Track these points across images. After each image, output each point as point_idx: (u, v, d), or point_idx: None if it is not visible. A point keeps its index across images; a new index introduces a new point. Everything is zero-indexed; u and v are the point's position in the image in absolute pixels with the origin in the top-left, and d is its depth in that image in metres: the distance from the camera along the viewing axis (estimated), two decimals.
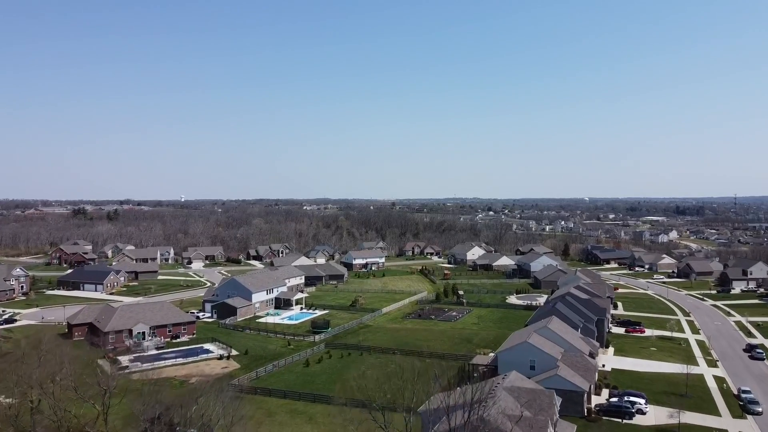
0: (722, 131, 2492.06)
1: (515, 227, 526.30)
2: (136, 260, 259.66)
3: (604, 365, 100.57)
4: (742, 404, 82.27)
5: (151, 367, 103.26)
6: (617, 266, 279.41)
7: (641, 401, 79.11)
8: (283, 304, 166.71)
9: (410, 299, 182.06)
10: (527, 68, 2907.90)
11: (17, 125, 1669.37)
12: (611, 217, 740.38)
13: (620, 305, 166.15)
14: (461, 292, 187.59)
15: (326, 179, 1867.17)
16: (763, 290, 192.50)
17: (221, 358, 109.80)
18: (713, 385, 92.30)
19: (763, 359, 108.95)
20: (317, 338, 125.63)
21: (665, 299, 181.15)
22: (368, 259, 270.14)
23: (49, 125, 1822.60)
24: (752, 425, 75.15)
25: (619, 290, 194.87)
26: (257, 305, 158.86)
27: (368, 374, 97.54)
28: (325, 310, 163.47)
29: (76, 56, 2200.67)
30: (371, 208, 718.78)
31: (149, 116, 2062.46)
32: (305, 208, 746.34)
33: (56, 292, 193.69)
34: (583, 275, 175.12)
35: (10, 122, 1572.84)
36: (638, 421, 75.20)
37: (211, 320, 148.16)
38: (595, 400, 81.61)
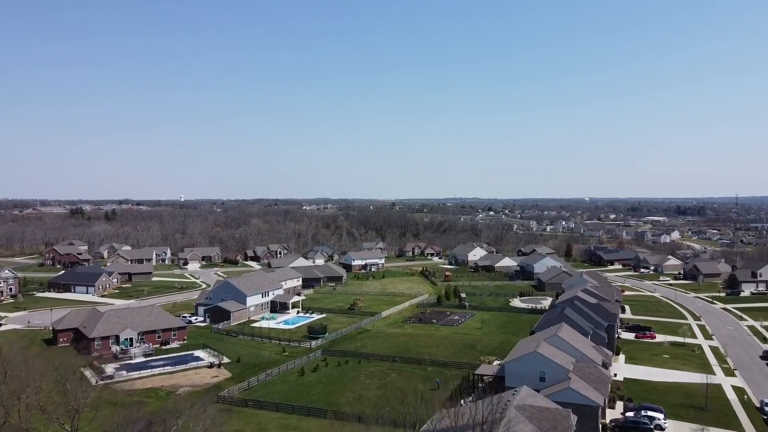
0: (723, 131, 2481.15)
1: (516, 227, 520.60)
2: (130, 261, 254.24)
3: (615, 374, 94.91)
4: (766, 418, 76.77)
5: (137, 375, 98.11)
6: (622, 267, 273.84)
7: (660, 416, 73.29)
8: (279, 307, 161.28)
9: (411, 302, 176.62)
10: (527, 68, 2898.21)
11: (17, 125, 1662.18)
12: (612, 217, 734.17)
13: (628, 309, 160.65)
14: (463, 294, 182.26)
15: (326, 179, 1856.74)
16: None
17: (212, 366, 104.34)
18: (733, 396, 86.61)
19: None
20: (313, 344, 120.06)
21: (673, 302, 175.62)
22: (368, 260, 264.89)
23: (48, 125, 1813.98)
24: None
25: (625, 293, 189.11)
26: (252, 309, 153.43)
27: (366, 384, 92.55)
28: (322, 313, 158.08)
29: (75, 56, 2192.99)
30: (371, 208, 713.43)
31: (149, 116, 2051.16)
32: (305, 207, 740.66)
33: (46, 294, 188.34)
34: (589, 277, 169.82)
35: (9, 122, 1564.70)
36: None
37: (203, 324, 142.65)
38: (609, 414, 75.89)
